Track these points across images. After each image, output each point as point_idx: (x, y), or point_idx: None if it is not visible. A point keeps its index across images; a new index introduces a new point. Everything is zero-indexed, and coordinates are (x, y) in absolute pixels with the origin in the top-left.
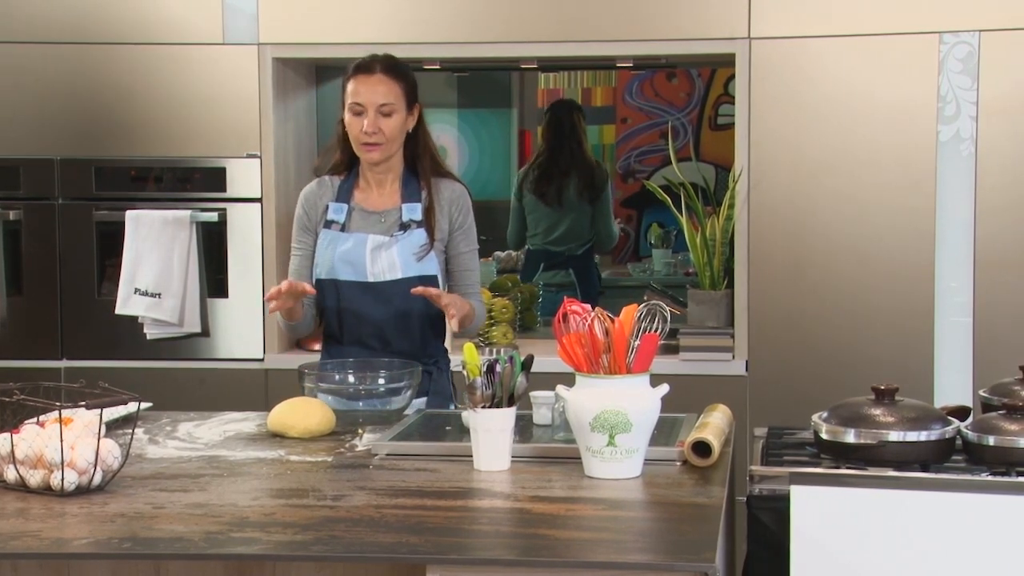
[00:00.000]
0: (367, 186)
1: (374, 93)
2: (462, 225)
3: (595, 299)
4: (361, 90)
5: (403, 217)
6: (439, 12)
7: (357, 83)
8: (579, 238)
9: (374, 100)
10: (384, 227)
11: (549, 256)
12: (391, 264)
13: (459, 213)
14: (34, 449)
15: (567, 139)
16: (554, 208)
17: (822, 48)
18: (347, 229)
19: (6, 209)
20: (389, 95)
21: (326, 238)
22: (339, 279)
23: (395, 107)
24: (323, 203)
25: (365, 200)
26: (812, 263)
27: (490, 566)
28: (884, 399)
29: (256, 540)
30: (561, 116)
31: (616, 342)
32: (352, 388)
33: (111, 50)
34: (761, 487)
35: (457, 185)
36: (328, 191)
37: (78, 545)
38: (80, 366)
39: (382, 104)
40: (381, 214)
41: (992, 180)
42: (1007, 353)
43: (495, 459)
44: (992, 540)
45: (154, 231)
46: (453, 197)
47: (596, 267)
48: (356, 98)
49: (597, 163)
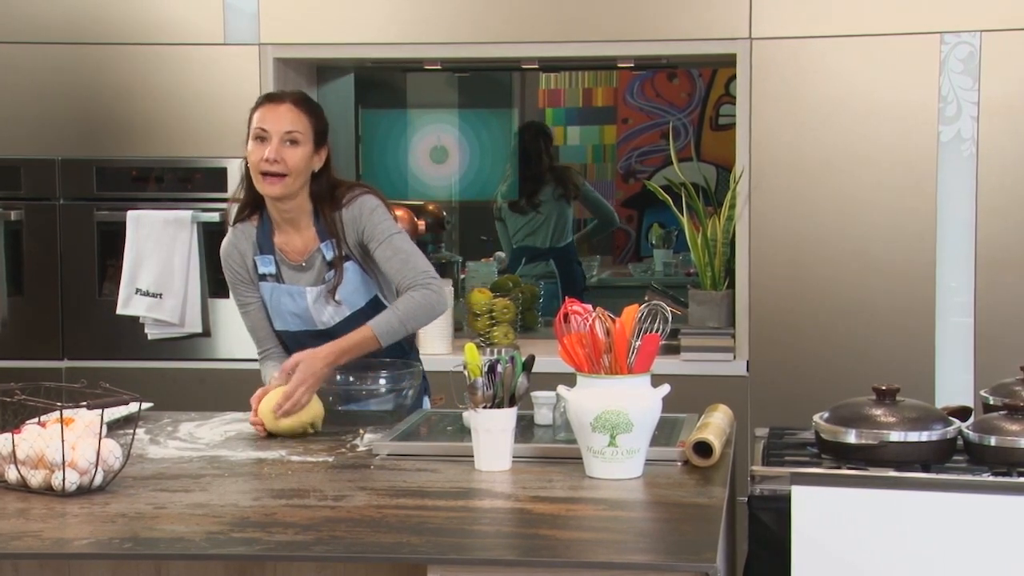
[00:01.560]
0: (284, 230)
1: (280, 120)
2: (372, 232)
3: (579, 293)
4: (267, 116)
5: (326, 257)
6: (440, 12)
7: (264, 111)
8: (558, 231)
9: (279, 128)
10: (313, 275)
11: (529, 251)
12: (336, 308)
13: (360, 223)
14: (35, 449)
15: (533, 164)
16: (529, 214)
17: (823, 48)
18: (281, 280)
19: (7, 209)
20: (297, 124)
21: (267, 291)
22: (291, 330)
23: (300, 137)
24: (248, 255)
25: (286, 246)
26: (813, 263)
27: (491, 566)
28: (885, 399)
29: (257, 540)
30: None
31: (617, 342)
32: (353, 389)
33: (112, 50)
34: (762, 487)
35: (355, 200)
36: (245, 242)
37: (79, 545)
38: (81, 366)
39: (288, 131)
40: (305, 261)
41: (993, 180)
42: (1008, 353)
43: (496, 459)
44: (993, 540)
45: (155, 231)
46: (352, 216)
47: (580, 264)
48: (261, 124)
49: (566, 167)
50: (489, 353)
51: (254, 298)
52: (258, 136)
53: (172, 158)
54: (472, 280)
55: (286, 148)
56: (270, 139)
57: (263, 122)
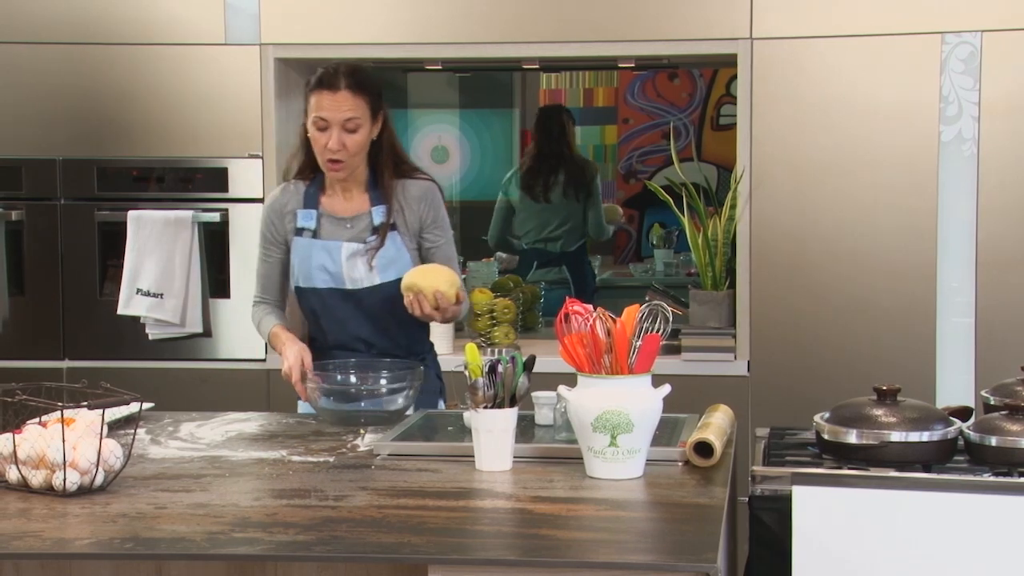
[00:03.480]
0: (334, 192)
1: (338, 110)
2: (434, 220)
3: (591, 296)
4: (325, 105)
5: (374, 221)
6: (440, 12)
7: (320, 98)
8: (571, 234)
9: (338, 118)
10: (354, 233)
11: (541, 255)
12: (368, 271)
13: (429, 209)
14: (36, 449)
15: (556, 142)
16: (542, 204)
17: (824, 48)
18: (319, 236)
19: (8, 209)
20: (355, 110)
21: (300, 246)
22: (318, 287)
23: (360, 122)
24: (289, 210)
25: (332, 206)
26: (814, 263)
27: (492, 566)
28: (886, 399)
29: (258, 540)
30: (550, 120)
31: (618, 342)
32: (354, 388)
33: (113, 50)
34: (763, 487)
35: (423, 182)
36: (294, 197)
37: (80, 545)
38: (82, 366)
39: (347, 120)
40: (350, 220)
41: (994, 180)
42: (1009, 353)
43: (497, 459)
44: (994, 541)
45: (156, 231)
46: (421, 195)
47: (590, 264)
48: (320, 112)
49: (586, 160)
50: (490, 353)
51: (273, 256)
52: (318, 125)
53: (173, 158)
54: (473, 280)
55: (347, 136)
56: (330, 128)
57: (321, 110)
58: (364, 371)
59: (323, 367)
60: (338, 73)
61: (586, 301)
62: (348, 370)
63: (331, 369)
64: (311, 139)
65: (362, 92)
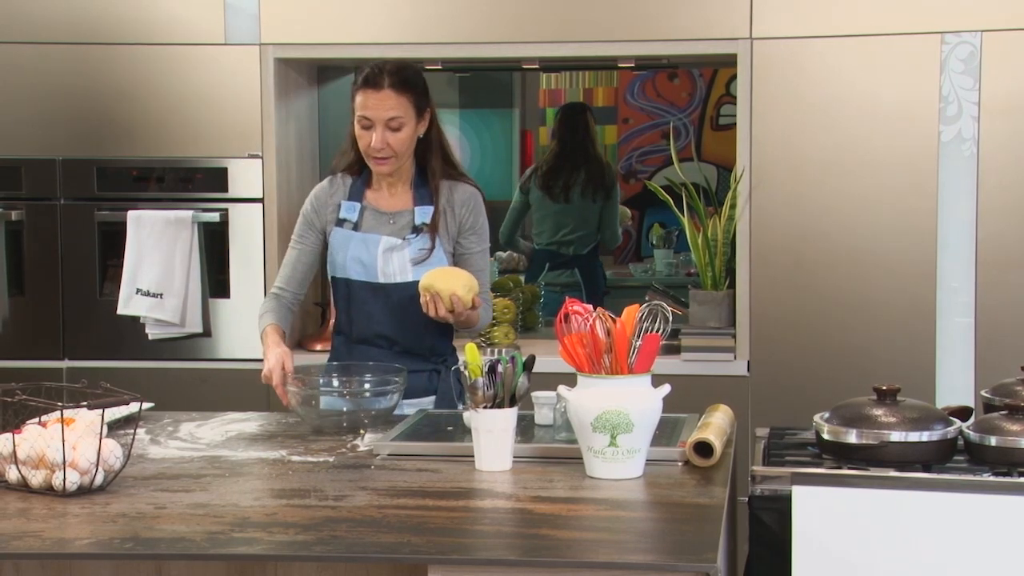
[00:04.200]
0: (379, 187)
1: (381, 108)
2: (473, 226)
3: (601, 299)
4: (369, 104)
5: (416, 220)
6: (441, 12)
7: (365, 97)
8: (585, 237)
9: (382, 116)
10: (395, 228)
11: (554, 256)
12: (402, 266)
13: (470, 214)
14: (36, 449)
15: (580, 139)
16: (560, 205)
17: (824, 48)
18: (359, 228)
19: (8, 209)
20: (398, 109)
21: (339, 236)
22: (350, 279)
23: (404, 120)
24: (334, 201)
25: (377, 200)
26: (814, 263)
27: (492, 566)
28: (886, 399)
29: (258, 540)
30: (574, 117)
31: (618, 342)
32: (336, 393)
33: (113, 50)
34: (763, 487)
35: (469, 187)
36: (340, 189)
37: (80, 545)
38: (82, 366)
39: (390, 119)
40: (392, 215)
41: (994, 180)
42: (1009, 353)
43: (497, 459)
44: (994, 541)
45: (156, 231)
46: (464, 199)
47: (601, 267)
48: (364, 111)
49: (608, 164)
50: (490, 353)
51: (308, 241)
52: (363, 124)
53: (173, 158)
54: None
55: (390, 135)
56: (374, 127)
57: (365, 109)
58: (348, 374)
59: (305, 371)
60: (382, 72)
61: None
62: (333, 372)
63: (312, 373)
64: (356, 137)
65: (406, 90)
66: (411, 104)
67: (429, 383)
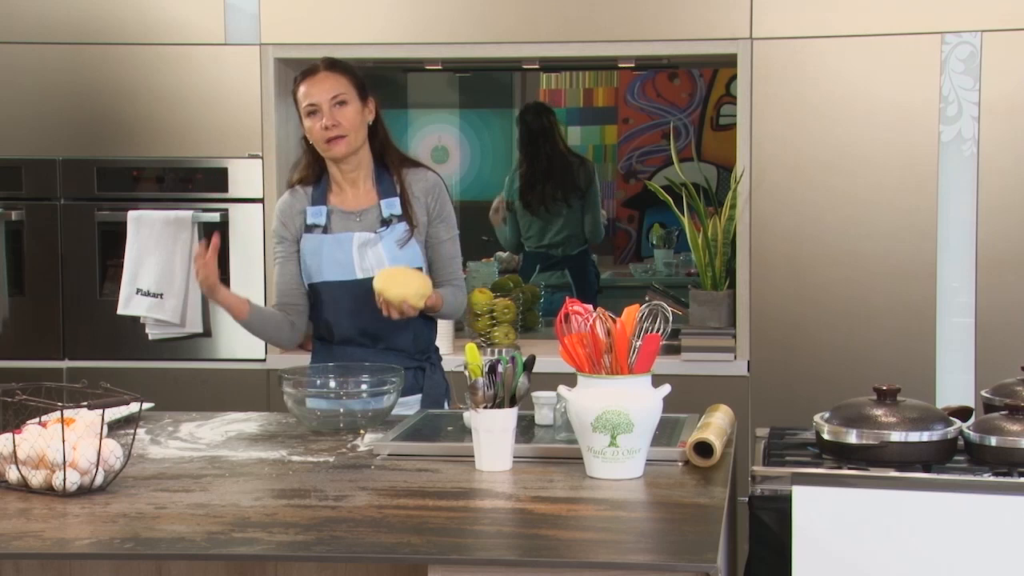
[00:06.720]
0: (340, 189)
1: (323, 90)
2: (440, 214)
3: (593, 299)
4: (311, 90)
5: (383, 213)
6: (441, 12)
7: (307, 86)
8: (572, 238)
9: (325, 96)
10: (364, 225)
11: (545, 258)
12: (379, 259)
13: (435, 202)
14: (36, 449)
15: (541, 144)
16: (543, 214)
17: (824, 48)
18: (329, 231)
19: (8, 209)
20: (339, 87)
21: (310, 243)
22: (328, 280)
23: (347, 97)
24: (299, 210)
25: (341, 202)
26: (814, 263)
27: (492, 566)
28: (886, 399)
29: (258, 540)
30: (530, 121)
31: (618, 342)
32: (333, 393)
33: (113, 50)
34: (763, 487)
35: (430, 174)
36: (302, 199)
37: (80, 545)
38: (82, 366)
39: (334, 96)
40: (358, 214)
41: (994, 180)
42: (1009, 353)
43: (497, 459)
44: (994, 541)
45: (156, 231)
46: (427, 187)
47: (594, 266)
48: (308, 99)
49: (581, 159)
50: (490, 353)
51: (287, 251)
52: (310, 112)
53: (173, 158)
54: (473, 280)
55: (337, 110)
56: (321, 109)
57: (309, 97)
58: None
59: (302, 371)
60: (315, 63)
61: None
62: (327, 375)
63: (310, 373)
64: (307, 132)
65: (342, 71)
66: (351, 85)
67: (415, 381)
